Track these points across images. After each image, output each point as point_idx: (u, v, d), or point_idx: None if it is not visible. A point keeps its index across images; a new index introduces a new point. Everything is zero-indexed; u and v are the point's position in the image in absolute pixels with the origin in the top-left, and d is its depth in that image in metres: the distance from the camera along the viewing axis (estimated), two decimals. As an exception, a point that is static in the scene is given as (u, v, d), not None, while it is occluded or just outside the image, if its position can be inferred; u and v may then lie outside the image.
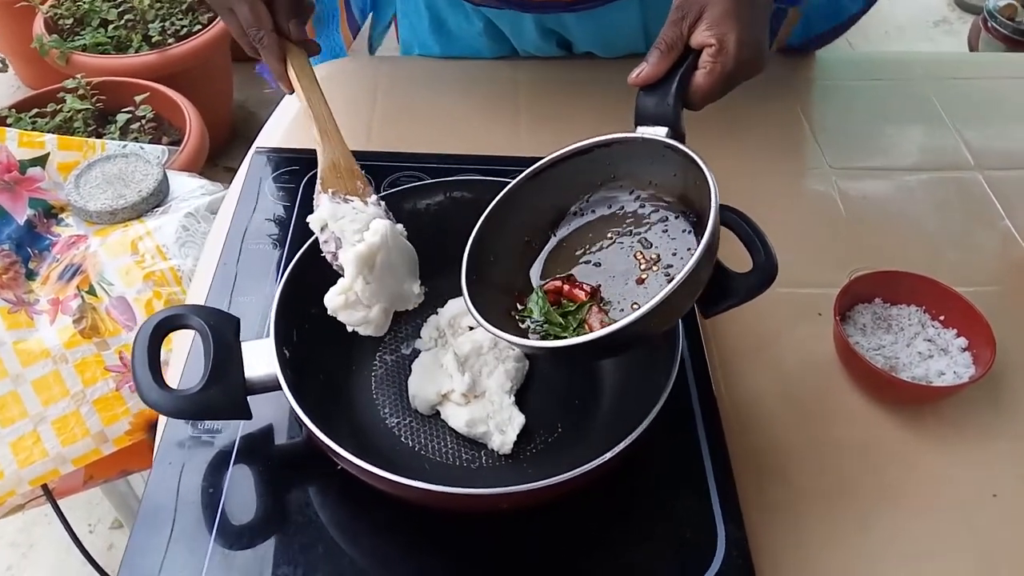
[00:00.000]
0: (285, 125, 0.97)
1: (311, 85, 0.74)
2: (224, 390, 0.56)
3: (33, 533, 1.51)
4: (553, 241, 0.67)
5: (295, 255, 0.65)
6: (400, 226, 0.67)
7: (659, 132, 0.62)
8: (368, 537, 0.60)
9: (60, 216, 1.33)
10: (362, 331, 0.63)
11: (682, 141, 0.62)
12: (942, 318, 0.77)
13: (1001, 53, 2.35)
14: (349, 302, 0.62)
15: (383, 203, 0.68)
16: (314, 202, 0.66)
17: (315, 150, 0.88)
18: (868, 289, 0.79)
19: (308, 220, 0.65)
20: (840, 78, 1.11)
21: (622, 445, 0.54)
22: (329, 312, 0.62)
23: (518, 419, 0.64)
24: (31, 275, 1.20)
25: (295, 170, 0.85)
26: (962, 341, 0.76)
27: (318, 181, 0.67)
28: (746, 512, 0.63)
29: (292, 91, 0.75)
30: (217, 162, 2.20)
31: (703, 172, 0.57)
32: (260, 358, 0.58)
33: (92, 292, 1.19)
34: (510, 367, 0.66)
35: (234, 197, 0.84)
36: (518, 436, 0.64)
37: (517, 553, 0.60)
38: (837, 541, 0.66)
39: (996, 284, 0.85)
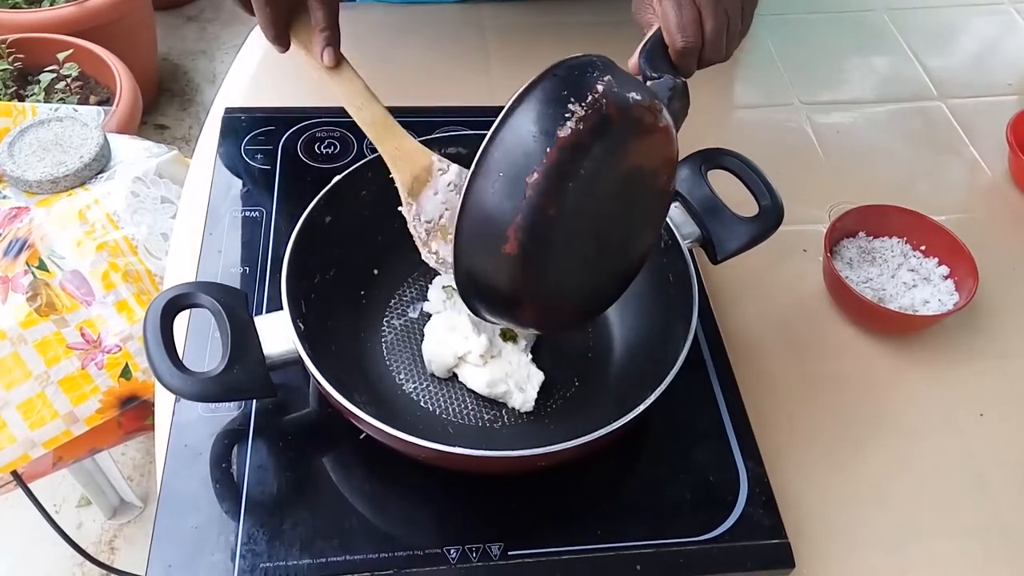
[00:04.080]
0: (247, 82, 0.92)
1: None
2: (246, 369, 0.53)
3: (-6, 519, 1.46)
4: None
5: (296, 223, 0.62)
6: None
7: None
8: (397, 503, 0.60)
9: (-5, 188, 1.24)
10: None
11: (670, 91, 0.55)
12: (923, 248, 0.80)
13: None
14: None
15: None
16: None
17: (288, 107, 0.85)
18: (852, 224, 0.81)
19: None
20: (799, 10, 1.11)
21: (653, 396, 0.54)
22: None
23: (537, 376, 0.64)
24: (-28, 253, 1.13)
25: (271, 130, 0.81)
26: (943, 269, 0.78)
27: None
28: (755, 449, 0.65)
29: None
30: (147, 119, 2.09)
31: None
32: (275, 333, 0.56)
33: (43, 267, 1.13)
34: (523, 324, 0.66)
35: (206, 162, 0.80)
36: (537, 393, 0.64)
37: (545, 506, 0.61)
38: (838, 469, 0.68)
39: (966, 212, 0.88)
